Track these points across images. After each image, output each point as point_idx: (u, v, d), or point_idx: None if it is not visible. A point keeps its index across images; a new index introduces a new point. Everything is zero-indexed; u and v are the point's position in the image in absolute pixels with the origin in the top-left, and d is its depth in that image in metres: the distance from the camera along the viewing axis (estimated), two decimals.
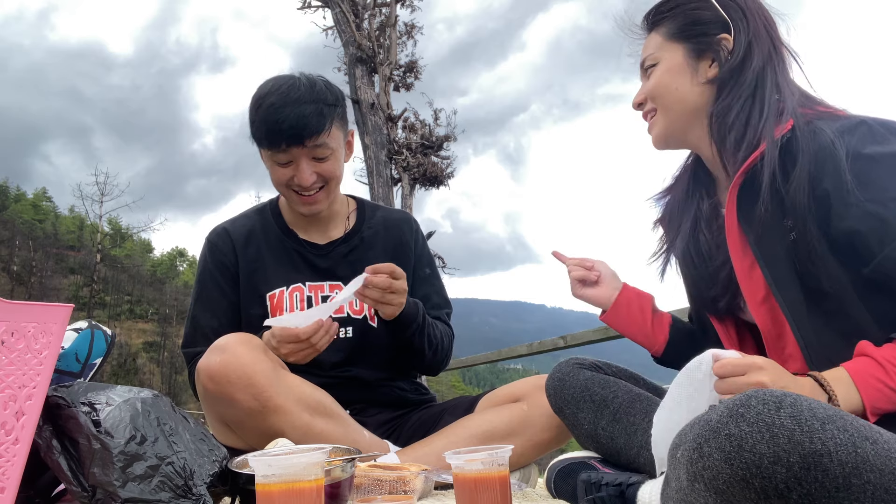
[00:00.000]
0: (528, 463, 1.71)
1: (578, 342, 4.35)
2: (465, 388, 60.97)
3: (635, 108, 1.31)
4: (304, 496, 0.85)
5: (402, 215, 2.03)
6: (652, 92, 1.25)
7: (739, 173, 1.12)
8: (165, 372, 46.86)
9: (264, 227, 1.90)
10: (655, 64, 1.25)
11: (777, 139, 1.09)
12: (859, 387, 0.94)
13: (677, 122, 1.24)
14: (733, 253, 1.15)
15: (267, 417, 1.46)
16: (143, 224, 45.26)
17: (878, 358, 0.95)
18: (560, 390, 1.38)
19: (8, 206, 56.16)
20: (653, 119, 1.28)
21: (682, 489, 0.79)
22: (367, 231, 1.93)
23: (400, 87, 10.73)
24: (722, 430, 0.73)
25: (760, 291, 1.11)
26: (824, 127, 1.07)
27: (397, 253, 1.93)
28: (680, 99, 1.22)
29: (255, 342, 1.54)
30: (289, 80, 1.69)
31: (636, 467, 1.24)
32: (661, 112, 1.26)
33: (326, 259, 1.87)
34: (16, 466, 0.89)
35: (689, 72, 1.21)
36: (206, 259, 1.88)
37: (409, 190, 10.16)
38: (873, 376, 0.95)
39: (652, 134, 1.29)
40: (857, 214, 1.00)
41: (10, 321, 0.89)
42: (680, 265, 1.35)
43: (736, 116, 1.15)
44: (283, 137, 1.63)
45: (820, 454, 0.68)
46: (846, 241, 1.02)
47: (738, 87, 1.16)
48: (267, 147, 1.68)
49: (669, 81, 1.23)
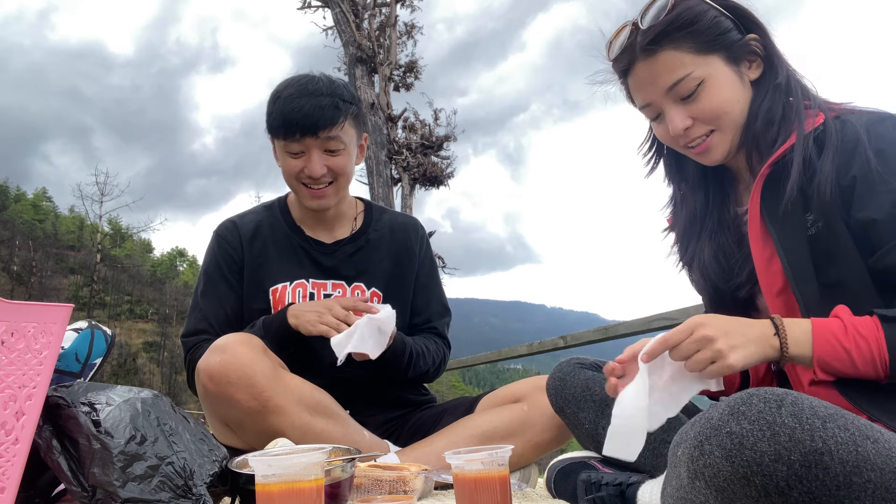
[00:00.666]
0: (528, 463, 1.72)
1: (578, 342, 4.35)
2: (465, 388, 60.97)
3: (680, 134, 1.18)
4: (304, 496, 0.85)
5: (409, 220, 2.04)
6: (714, 111, 1.15)
7: (767, 165, 1.11)
8: (165, 372, 46.87)
9: (272, 223, 1.90)
10: (701, 82, 1.14)
11: (809, 132, 1.08)
12: (814, 336, 0.98)
13: (738, 134, 1.18)
14: (753, 245, 1.14)
15: (267, 417, 1.46)
16: (143, 224, 45.26)
17: (844, 320, 0.98)
18: (561, 390, 1.38)
19: (8, 206, 56.17)
20: (710, 140, 1.17)
21: (682, 487, 0.79)
22: (373, 233, 1.93)
23: (400, 87, 10.73)
24: (723, 428, 0.73)
25: (778, 283, 1.11)
26: (853, 120, 1.06)
27: (401, 258, 1.93)
28: (741, 110, 1.16)
29: (255, 342, 1.54)
30: (308, 76, 1.75)
31: (636, 467, 1.24)
32: (723, 130, 1.17)
33: (331, 258, 1.87)
34: (16, 466, 0.88)
35: (738, 80, 1.16)
36: (213, 251, 1.88)
37: (409, 190, 10.16)
38: (832, 332, 0.97)
39: (713, 155, 1.19)
40: (877, 204, 1.00)
41: (10, 321, 0.89)
42: (701, 269, 1.31)
43: (776, 113, 1.13)
44: (299, 127, 1.67)
45: (821, 452, 0.68)
46: (862, 231, 1.02)
47: (776, 84, 1.14)
48: (282, 136, 1.71)
49: (730, 95, 1.15)
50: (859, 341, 0.96)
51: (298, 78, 1.75)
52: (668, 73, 1.14)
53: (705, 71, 1.13)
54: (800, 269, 1.07)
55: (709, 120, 1.15)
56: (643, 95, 1.19)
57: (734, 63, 1.16)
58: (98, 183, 36.23)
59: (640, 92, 1.19)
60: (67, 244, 56.47)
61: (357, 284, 1.86)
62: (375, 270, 1.89)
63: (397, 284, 1.91)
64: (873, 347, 0.95)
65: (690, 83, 1.13)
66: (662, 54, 1.14)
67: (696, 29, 1.13)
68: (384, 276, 1.90)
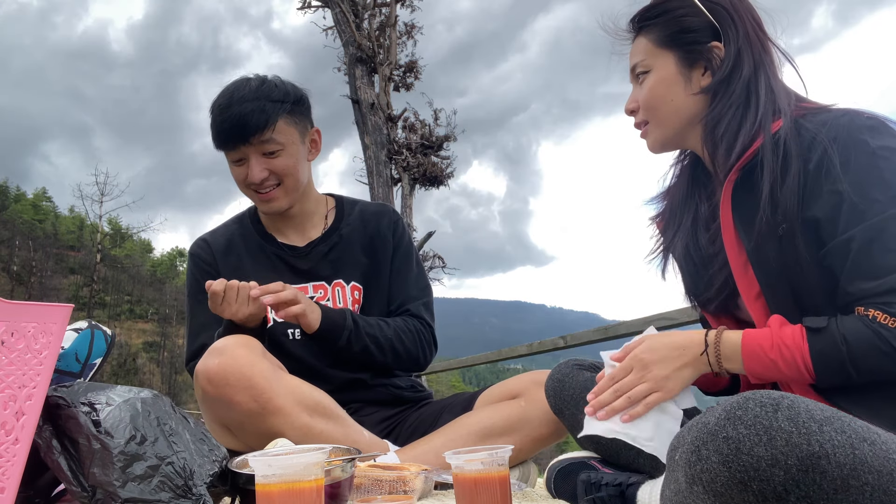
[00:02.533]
0: (526, 458, 1.72)
1: (578, 342, 4.35)
2: (466, 388, 60.74)
3: (628, 114, 1.28)
4: (304, 496, 0.85)
5: (379, 207, 2.03)
6: (646, 103, 1.23)
7: (735, 170, 1.11)
8: (165, 372, 46.85)
9: (243, 235, 1.92)
10: (647, 71, 1.22)
11: (773, 135, 1.09)
12: (743, 350, 1.05)
13: (672, 132, 1.23)
14: (729, 250, 1.15)
15: (267, 419, 1.46)
16: (143, 224, 45.25)
17: (773, 330, 1.03)
18: (560, 391, 1.38)
19: (8, 206, 56.13)
20: (646, 128, 1.26)
21: (680, 491, 0.79)
22: (345, 228, 1.93)
23: (400, 87, 10.74)
24: (719, 433, 0.73)
25: (755, 288, 1.12)
26: (807, 123, 1.07)
27: (374, 245, 1.92)
28: (674, 110, 1.20)
29: (254, 344, 1.54)
30: (239, 82, 1.77)
31: (636, 467, 1.24)
32: (655, 124, 1.24)
33: (306, 260, 1.87)
34: (16, 466, 0.89)
35: (682, 82, 1.19)
36: (192, 272, 1.91)
37: (409, 190, 10.16)
38: (759, 345, 1.04)
39: (647, 141, 1.27)
40: (820, 203, 1.02)
41: (10, 321, 0.89)
42: (679, 264, 1.35)
43: (728, 124, 1.14)
44: (229, 136, 1.71)
45: (818, 456, 0.68)
46: (811, 229, 1.04)
47: (730, 95, 1.15)
48: (219, 147, 1.75)
49: (664, 92, 1.20)
50: (784, 351, 1.01)
51: (230, 86, 1.76)
52: (632, 56, 1.26)
53: (655, 63, 1.21)
54: (769, 275, 1.09)
55: (644, 109, 1.24)
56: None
57: (686, 66, 1.19)
58: (98, 183, 36.23)
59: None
60: (67, 244, 56.45)
61: (337, 282, 1.86)
62: (351, 265, 1.89)
63: (375, 275, 1.91)
64: (797, 357, 1.00)
65: (640, 69, 1.23)
66: (637, 38, 1.26)
67: (662, 21, 1.20)
68: (361, 269, 1.89)
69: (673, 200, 1.34)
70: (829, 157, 1.01)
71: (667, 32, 1.20)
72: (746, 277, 1.13)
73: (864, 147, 1.00)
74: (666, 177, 1.38)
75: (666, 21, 1.20)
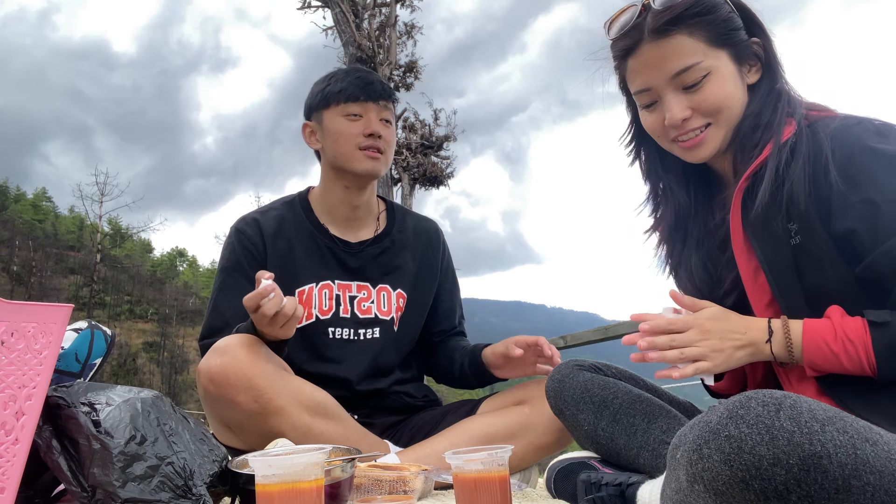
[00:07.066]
0: (528, 466, 1.72)
1: (578, 342, 4.35)
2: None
3: (677, 124, 1.15)
4: (304, 496, 0.85)
5: (431, 225, 2.05)
6: (715, 105, 1.13)
7: (745, 177, 1.11)
8: (165, 372, 46.85)
9: (294, 221, 1.87)
10: (707, 73, 1.11)
11: (784, 142, 1.09)
12: (804, 341, 1.03)
13: (728, 133, 1.17)
14: (739, 258, 1.15)
15: (268, 419, 1.46)
16: (143, 224, 45.22)
17: (835, 322, 1.02)
18: (560, 392, 1.38)
19: (8, 206, 56.11)
20: (704, 134, 1.15)
21: (681, 490, 0.79)
22: (397, 234, 1.94)
23: (400, 87, 10.74)
24: (721, 432, 0.73)
25: (766, 296, 1.12)
26: (821, 128, 1.07)
27: (426, 261, 1.95)
28: (739, 109, 1.15)
29: (257, 345, 1.53)
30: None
31: (636, 467, 1.24)
32: (719, 126, 1.15)
33: (357, 258, 1.86)
34: (16, 466, 0.89)
35: (740, 79, 1.15)
36: (233, 247, 1.82)
37: (408, 190, 10.17)
38: (821, 336, 1.02)
39: (703, 149, 1.16)
40: (853, 214, 1.01)
41: (10, 321, 0.89)
42: (688, 274, 1.32)
43: (764, 118, 1.13)
44: (366, 91, 1.80)
45: (819, 456, 0.68)
46: (844, 241, 1.03)
47: (770, 90, 1.15)
48: (346, 99, 1.80)
49: (733, 91, 1.14)
50: (847, 345, 1.00)
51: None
52: (678, 58, 1.11)
53: (713, 63, 1.12)
54: (784, 281, 1.09)
55: (708, 113, 1.13)
56: (644, 79, 1.16)
57: (738, 62, 1.15)
58: (98, 183, 36.18)
59: (642, 75, 1.16)
60: (67, 244, 56.42)
61: (382, 286, 1.87)
62: (401, 272, 1.90)
63: (421, 287, 1.93)
64: (860, 350, 0.99)
65: (697, 73, 1.11)
66: (675, 38, 1.11)
67: (712, 19, 1.12)
68: (409, 279, 1.91)
69: (676, 209, 1.32)
70: (855, 167, 1.01)
71: (719, 30, 1.13)
72: (757, 285, 1.12)
73: (885, 153, 1.00)
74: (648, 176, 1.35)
75: (715, 19, 1.13)
